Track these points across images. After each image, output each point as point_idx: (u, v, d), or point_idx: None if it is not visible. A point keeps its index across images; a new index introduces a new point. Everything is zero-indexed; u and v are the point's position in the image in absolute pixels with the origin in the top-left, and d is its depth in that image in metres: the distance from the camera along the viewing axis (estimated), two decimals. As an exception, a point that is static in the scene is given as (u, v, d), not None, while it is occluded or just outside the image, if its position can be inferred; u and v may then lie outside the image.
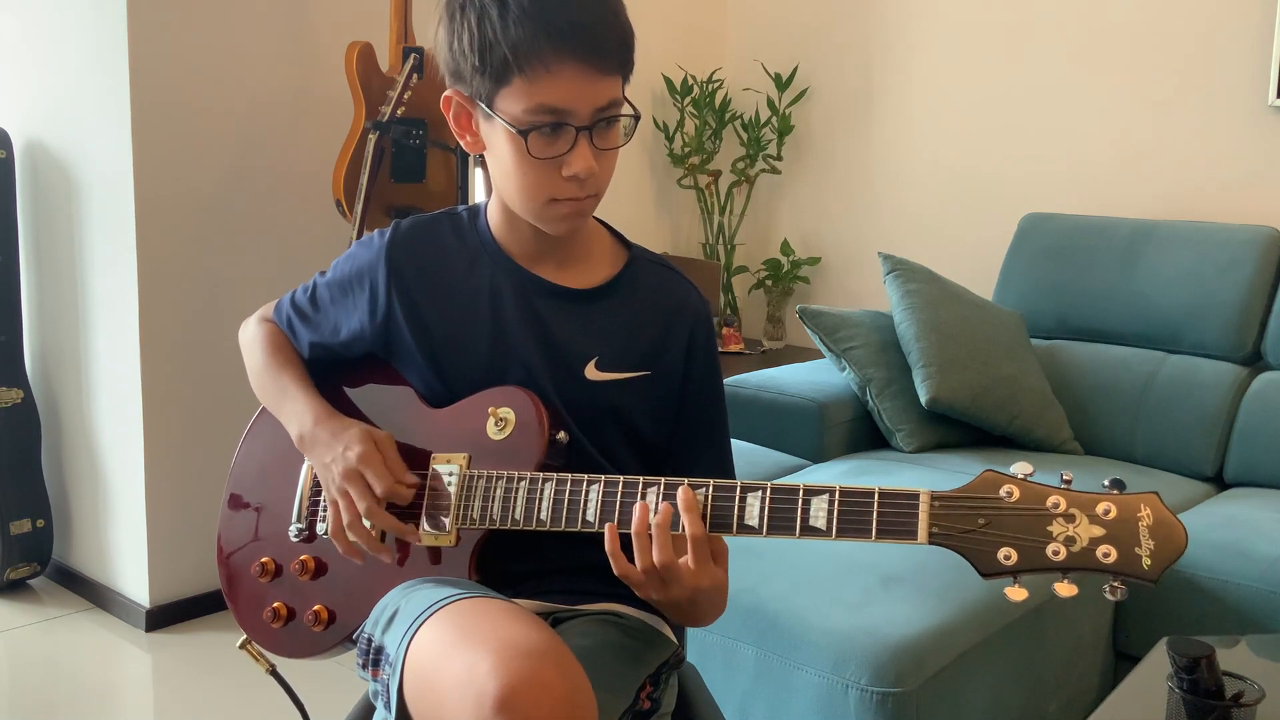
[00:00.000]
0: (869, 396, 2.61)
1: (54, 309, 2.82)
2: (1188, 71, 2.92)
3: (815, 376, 2.76)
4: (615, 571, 1.08)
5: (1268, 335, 2.62)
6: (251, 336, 1.35)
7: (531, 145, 1.11)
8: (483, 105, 1.13)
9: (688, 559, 1.06)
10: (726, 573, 1.12)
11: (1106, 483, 0.96)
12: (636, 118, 1.15)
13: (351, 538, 1.17)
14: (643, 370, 1.23)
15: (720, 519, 1.05)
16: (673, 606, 1.11)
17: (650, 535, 1.06)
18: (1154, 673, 1.41)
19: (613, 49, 1.11)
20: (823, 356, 2.86)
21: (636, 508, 1.07)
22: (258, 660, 1.27)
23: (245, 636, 1.28)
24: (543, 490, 1.11)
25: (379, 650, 1.09)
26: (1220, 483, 2.59)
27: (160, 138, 2.54)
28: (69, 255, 2.74)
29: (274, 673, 1.27)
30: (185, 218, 2.61)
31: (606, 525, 1.08)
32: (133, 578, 2.70)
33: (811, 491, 1.02)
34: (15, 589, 2.85)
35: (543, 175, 1.13)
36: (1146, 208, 2.96)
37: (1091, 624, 2.07)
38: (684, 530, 1.05)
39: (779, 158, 3.65)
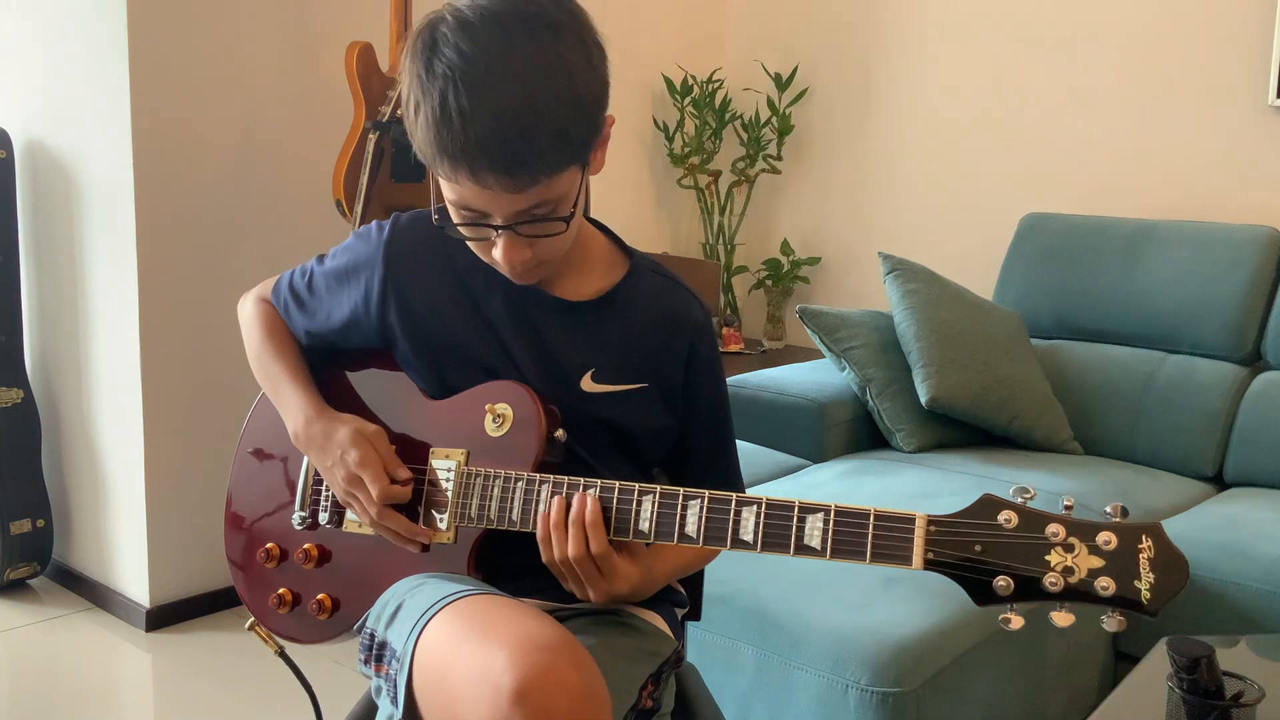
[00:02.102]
0: (869, 396, 2.61)
1: (54, 309, 2.82)
2: (1187, 71, 2.92)
3: (815, 376, 2.76)
4: (543, 559, 1.10)
5: (1268, 335, 2.62)
6: (250, 316, 1.34)
7: (459, 227, 1.11)
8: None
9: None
10: (645, 569, 1.13)
11: (1109, 509, 0.94)
12: (567, 219, 1.09)
13: (383, 534, 1.18)
14: (640, 383, 1.22)
15: (714, 533, 1.04)
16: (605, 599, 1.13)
17: (566, 529, 1.08)
18: (1154, 673, 1.41)
19: (520, 168, 1.02)
20: (823, 356, 2.86)
21: (553, 503, 1.09)
22: (267, 642, 1.27)
23: (253, 619, 1.28)
24: (539, 493, 1.11)
25: (382, 646, 1.09)
26: (1220, 483, 2.59)
27: (160, 138, 2.54)
28: (69, 255, 2.74)
29: (283, 655, 1.27)
30: (185, 218, 2.61)
31: (539, 514, 1.10)
32: (133, 578, 2.70)
33: (807, 509, 1.01)
34: (15, 589, 2.85)
35: (478, 248, 1.14)
36: (1146, 208, 2.96)
37: (1091, 624, 2.07)
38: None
39: (779, 158, 3.65)
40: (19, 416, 2.80)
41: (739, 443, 1.25)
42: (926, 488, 2.27)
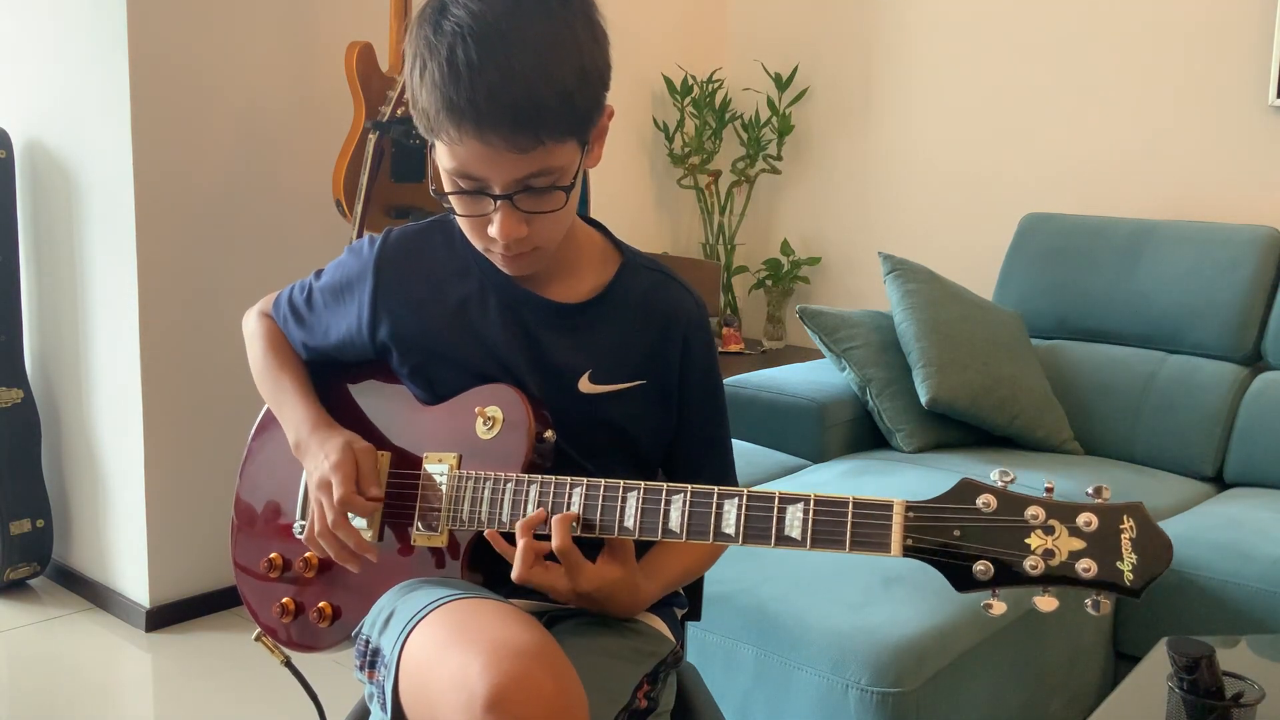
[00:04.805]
0: (869, 396, 2.61)
1: (54, 309, 2.82)
2: (1187, 71, 2.92)
3: (815, 376, 2.76)
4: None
5: (1268, 335, 2.61)
6: (253, 331, 1.34)
7: (454, 204, 1.10)
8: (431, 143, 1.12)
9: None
10: (627, 575, 1.12)
11: (1090, 490, 0.93)
12: (568, 189, 1.09)
13: (321, 543, 1.17)
14: (638, 380, 1.21)
15: (697, 527, 1.04)
16: (575, 601, 1.13)
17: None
18: (1154, 673, 1.41)
19: (526, 126, 1.02)
20: (823, 356, 2.86)
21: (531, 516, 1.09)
22: (273, 652, 1.27)
23: (259, 630, 1.28)
24: (528, 492, 1.11)
25: (375, 652, 1.09)
26: (1220, 483, 2.59)
27: (160, 138, 2.54)
28: (69, 255, 2.74)
29: (289, 665, 1.27)
30: (185, 218, 2.61)
31: (517, 523, 1.09)
32: (133, 578, 2.70)
33: (787, 500, 1.00)
34: (15, 589, 2.85)
35: (473, 227, 1.12)
36: (1146, 208, 2.96)
37: (1091, 624, 2.07)
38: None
39: (779, 158, 3.65)
40: (19, 416, 2.80)
41: (739, 443, 1.25)
42: (926, 488, 2.27)
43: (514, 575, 1.07)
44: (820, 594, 1.75)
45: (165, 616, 2.68)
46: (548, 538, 1.09)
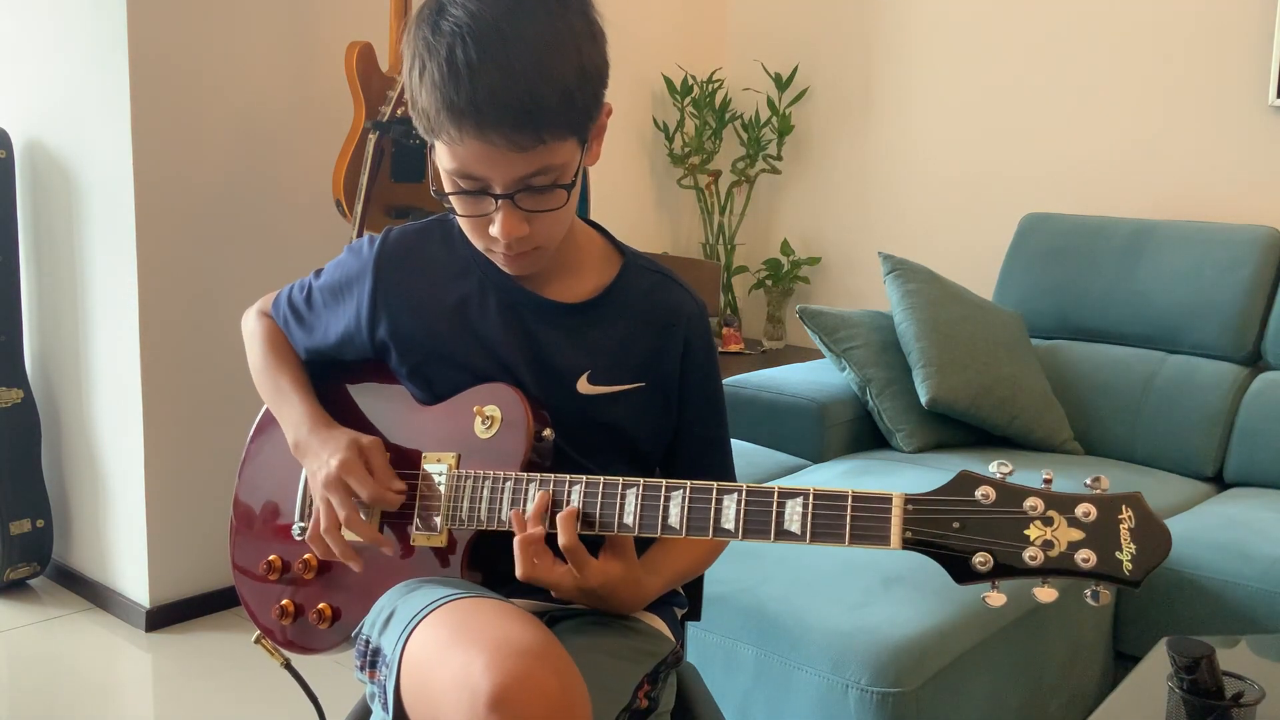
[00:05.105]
0: (869, 396, 2.61)
1: (54, 309, 2.82)
2: (1187, 71, 2.92)
3: (815, 376, 2.76)
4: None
5: (1268, 335, 2.62)
6: (252, 330, 1.34)
7: (455, 204, 1.10)
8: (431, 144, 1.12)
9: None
10: (628, 571, 1.12)
11: (1088, 481, 0.93)
12: (569, 187, 1.09)
13: (328, 541, 1.17)
14: (637, 382, 1.21)
15: (697, 523, 1.04)
16: (580, 598, 1.13)
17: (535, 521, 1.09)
18: (1154, 673, 1.41)
19: (527, 124, 1.02)
20: (823, 356, 2.86)
21: (511, 514, 1.09)
22: (273, 654, 1.27)
23: (259, 633, 1.28)
24: (527, 491, 1.11)
25: (376, 651, 1.09)
26: (1220, 483, 2.59)
27: (160, 138, 2.54)
28: (69, 255, 2.74)
29: (289, 667, 1.27)
30: (185, 218, 2.61)
31: (512, 512, 1.09)
32: (133, 578, 2.70)
33: (786, 494, 1.00)
34: (15, 589, 2.85)
35: (474, 227, 1.12)
36: (1146, 208, 2.96)
37: (1091, 624, 2.07)
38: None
39: (779, 158, 3.65)
40: (19, 416, 2.80)
41: (739, 443, 1.25)
42: (927, 487, 2.27)
43: (518, 574, 1.07)
44: (820, 594, 1.75)
45: (165, 616, 2.68)
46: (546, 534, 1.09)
